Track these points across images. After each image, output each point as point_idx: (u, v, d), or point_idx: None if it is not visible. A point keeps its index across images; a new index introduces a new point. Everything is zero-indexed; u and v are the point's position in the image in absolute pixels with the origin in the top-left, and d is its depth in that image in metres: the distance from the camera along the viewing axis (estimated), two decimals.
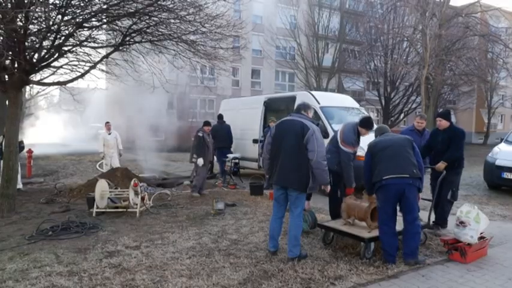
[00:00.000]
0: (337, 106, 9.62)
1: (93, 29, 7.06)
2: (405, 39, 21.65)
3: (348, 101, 10.55)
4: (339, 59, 25.75)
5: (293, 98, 9.70)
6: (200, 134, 8.35)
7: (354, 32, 27.36)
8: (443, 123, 5.75)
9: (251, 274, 3.94)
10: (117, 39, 7.74)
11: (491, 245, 4.77)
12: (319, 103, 9.05)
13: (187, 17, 7.32)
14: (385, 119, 24.64)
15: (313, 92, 9.90)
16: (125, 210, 6.56)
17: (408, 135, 5.80)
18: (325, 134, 7.81)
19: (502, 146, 9.73)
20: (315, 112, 8.30)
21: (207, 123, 8.66)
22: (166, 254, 4.52)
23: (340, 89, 26.18)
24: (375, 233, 4.42)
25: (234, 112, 11.56)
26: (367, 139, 5.39)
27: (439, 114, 5.97)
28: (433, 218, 5.56)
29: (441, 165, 5.53)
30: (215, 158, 10.10)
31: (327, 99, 9.70)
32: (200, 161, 8.22)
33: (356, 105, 10.45)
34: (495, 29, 24.88)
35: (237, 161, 10.23)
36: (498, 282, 3.84)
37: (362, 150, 7.59)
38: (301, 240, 4.94)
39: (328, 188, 4.49)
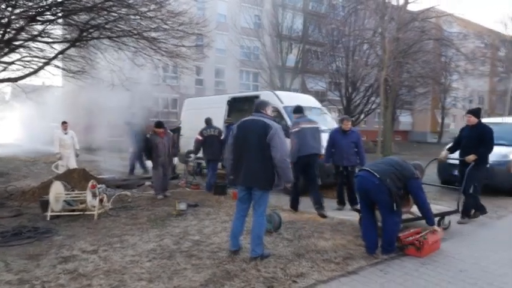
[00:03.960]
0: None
1: (48, 23, 6.72)
2: (365, 41, 22.30)
3: (310, 101, 10.72)
4: (302, 59, 26.15)
5: (257, 98, 9.71)
6: (147, 136, 8.09)
7: (316, 33, 27.86)
8: (472, 120, 6.15)
9: (213, 275, 3.89)
10: (73, 35, 7.43)
11: (444, 239, 5.00)
12: (282, 103, 9.12)
13: (148, 13, 7.16)
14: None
15: (277, 92, 9.98)
16: (82, 213, 6.30)
17: (334, 134, 6.99)
18: (287, 134, 7.87)
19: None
20: (278, 111, 8.37)
21: (158, 125, 8.10)
22: (126, 258, 4.38)
23: (304, 89, 26.56)
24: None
25: (198, 111, 11.41)
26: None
27: (469, 111, 6.33)
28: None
29: (471, 157, 5.92)
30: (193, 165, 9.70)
31: (290, 98, 9.80)
32: (147, 163, 8.04)
33: (318, 105, 10.64)
34: (448, 34, 26.19)
35: (200, 161, 10.10)
36: (450, 274, 4.03)
37: (322, 148, 7.78)
38: (265, 239, 4.95)
39: (290, 185, 4.58)
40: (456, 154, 6.57)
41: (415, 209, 5.59)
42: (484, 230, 5.81)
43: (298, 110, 7.13)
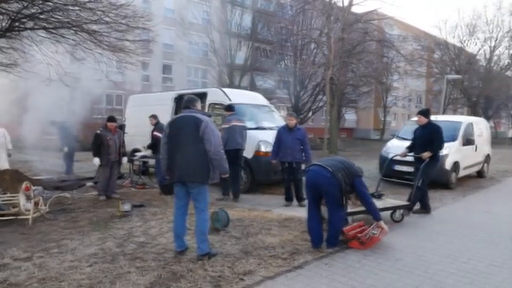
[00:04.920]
0: (249, 103, 9.76)
1: None
2: (313, 41, 22.85)
3: (259, 98, 10.77)
4: (251, 57, 26.23)
5: (204, 95, 9.60)
6: (97, 131, 7.63)
7: (265, 32, 28.08)
8: (422, 120, 6.63)
9: (159, 277, 3.78)
10: (3, 24, 6.84)
11: None
12: (230, 100, 9.07)
13: (88, 4, 6.76)
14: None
15: (225, 89, 9.91)
16: (14, 217, 5.84)
17: (280, 131, 7.10)
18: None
19: (394, 142, 10.82)
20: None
21: (110, 119, 7.80)
22: (64, 264, 4.12)
23: (253, 87, 26.69)
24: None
25: (143, 108, 11.02)
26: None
27: (419, 112, 6.83)
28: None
29: (427, 154, 6.38)
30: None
31: (238, 96, 9.78)
32: (96, 161, 7.63)
33: (266, 102, 10.73)
34: (389, 36, 27.58)
35: (146, 159, 9.77)
36: (388, 264, 4.24)
37: (269, 145, 7.88)
38: (212, 238, 4.92)
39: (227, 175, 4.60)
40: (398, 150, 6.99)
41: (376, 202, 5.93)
42: (421, 221, 6.17)
43: (230, 108, 7.80)
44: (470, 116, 17.30)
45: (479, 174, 11.54)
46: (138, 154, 9.73)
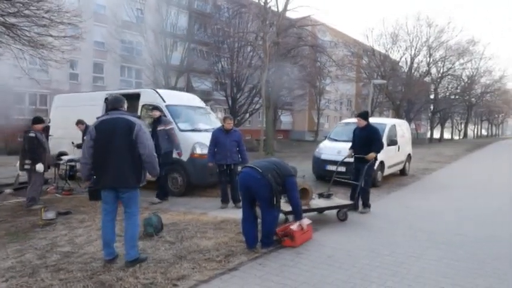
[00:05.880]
0: (184, 105, 9.59)
1: None
2: (249, 43, 23.13)
3: (195, 100, 10.63)
4: (187, 58, 25.82)
5: (137, 95, 9.26)
6: (32, 135, 6.92)
7: (202, 33, 27.84)
8: (361, 122, 6.92)
9: None
10: None
11: (315, 229, 5.45)
12: (164, 101, 8.85)
13: None
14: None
15: (159, 90, 9.62)
16: None
17: (217, 133, 7.13)
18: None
19: (326, 143, 11.29)
20: (161, 110, 8.11)
21: (38, 120, 7.21)
22: None
23: (189, 88, 26.32)
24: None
25: (70, 109, 10.35)
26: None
27: (358, 114, 7.13)
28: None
29: (372, 154, 6.69)
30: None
31: (173, 97, 9.56)
32: (39, 167, 6.91)
33: (202, 104, 10.62)
34: (322, 42, 28.81)
35: (73, 163, 9.17)
36: (320, 260, 4.40)
37: (205, 147, 7.82)
38: (145, 244, 4.75)
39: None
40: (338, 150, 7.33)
41: (318, 202, 6.12)
42: (350, 218, 6.45)
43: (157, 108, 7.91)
44: (394, 119, 18.62)
45: (402, 172, 12.45)
46: (65, 158, 9.11)
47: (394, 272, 4.13)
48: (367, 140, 6.86)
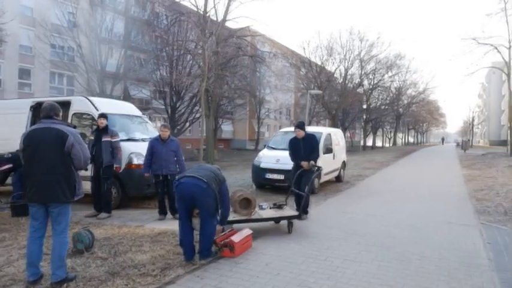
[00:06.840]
0: (119, 114, 9.20)
1: None
2: (188, 52, 22.88)
3: (130, 108, 10.26)
4: (124, 65, 24.89)
5: (67, 103, 8.72)
6: None
7: (139, 40, 27.03)
8: (300, 133, 7.13)
9: None
10: None
11: (255, 238, 5.47)
12: (97, 110, 8.42)
13: None
14: (171, 127, 25.29)
15: (92, 98, 9.14)
16: None
17: (153, 143, 6.95)
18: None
19: (265, 152, 11.46)
20: (92, 119, 7.72)
21: None
22: None
23: (126, 97, 25.32)
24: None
25: None
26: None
27: (296, 126, 7.29)
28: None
29: (313, 163, 6.92)
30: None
31: (107, 106, 9.12)
32: None
33: (139, 113, 10.28)
34: (261, 52, 29.36)
35: None
36: (258, 269, 4.42)
37: (142, 158, 7.55)
38: (74, 261, 4.46)
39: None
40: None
41: (267, 212, 6.23)
42: (285, 225, 6.59)
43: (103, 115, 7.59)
44: (329, 128, 19.45)
45: (338, 179, 12.99)
46: None
47: (329, 276, 4.26)
48: (308, 149, 7.09)
